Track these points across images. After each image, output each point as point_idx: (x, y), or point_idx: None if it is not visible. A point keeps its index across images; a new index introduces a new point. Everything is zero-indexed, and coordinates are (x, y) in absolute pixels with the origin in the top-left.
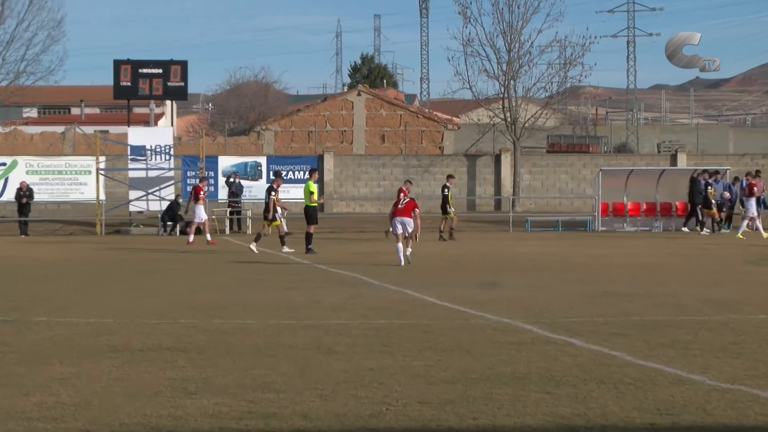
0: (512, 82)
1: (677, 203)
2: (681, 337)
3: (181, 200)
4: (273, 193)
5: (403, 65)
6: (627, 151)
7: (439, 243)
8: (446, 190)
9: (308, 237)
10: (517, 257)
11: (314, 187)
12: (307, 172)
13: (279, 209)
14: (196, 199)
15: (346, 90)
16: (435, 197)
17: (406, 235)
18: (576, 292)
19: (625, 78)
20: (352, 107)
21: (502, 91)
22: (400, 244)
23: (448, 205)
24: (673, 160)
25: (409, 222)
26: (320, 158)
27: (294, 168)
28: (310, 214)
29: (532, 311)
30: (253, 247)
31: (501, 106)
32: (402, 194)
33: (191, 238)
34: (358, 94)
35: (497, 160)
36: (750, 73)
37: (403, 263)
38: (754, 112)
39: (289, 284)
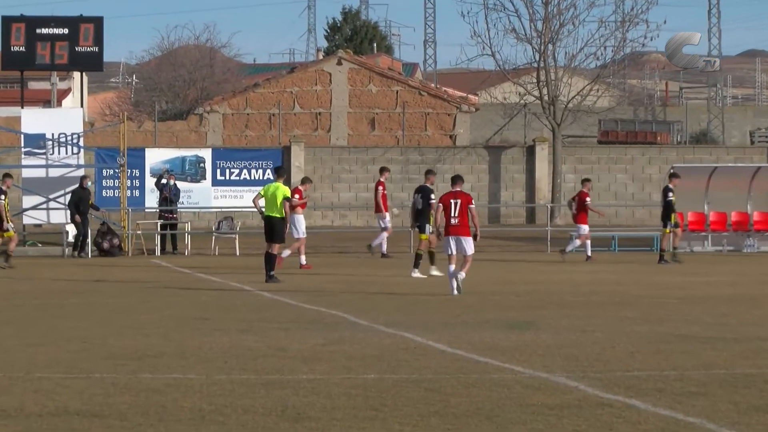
0: (551, 46)
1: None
2: None
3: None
4: (433, 197)
5: (401, 23)
6: (708, 142)
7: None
8: (671, 194)
9: (269, 259)
10: (558, 287)
11: (288, 192)
12: (272, 172)
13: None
14: (293, 207)
15: (321, 57)
16: None
17: (464, 255)
18: (639, 335)
19: (706, 41)
20: (330, 81)
21: (537, 59)
22: (453, 266)
23: (672, 215)
24: None
25: (467, 242)
26: (286, 151)
27: (250, 165)
28: (279, 228)
29: (579, 362)
30: (434, 272)
31: (535, 80)
32: (459, 199)
33: (303, 259)
34: (339, 63)
35: (530, 153)
36: None
37: (455, 292)
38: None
39: (244, 325)
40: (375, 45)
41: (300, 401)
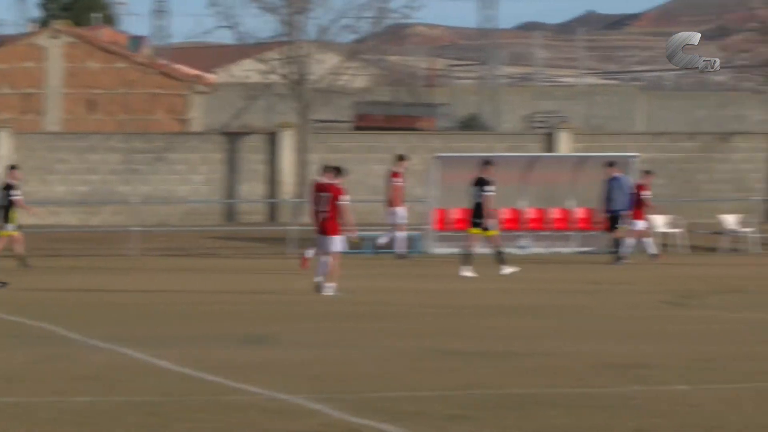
0: (299, 17)
1: (557, 211)
2: (558, 420)
3: None
4: (487, 188)
5: None
6: (479, 128)
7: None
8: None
9: None
10: (302, 297)
11: None
12: None
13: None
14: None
15: (33, 30)
16: (174, 200)
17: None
18: (396, 351)
19: (477, 12)
20: (44, 57)
21: (284, 32)
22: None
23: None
24: (551, 142)
25: (330, 242)
26: None
27: None
28: None
29: (325, 382)
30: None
31: (282, 57)
32: (331, 192)
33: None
34: (54, 37)
35: (274, 141)
36: (670, 6)
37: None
38: (678, 68)
39: None
40: (97, 15)
41: (1, 428)
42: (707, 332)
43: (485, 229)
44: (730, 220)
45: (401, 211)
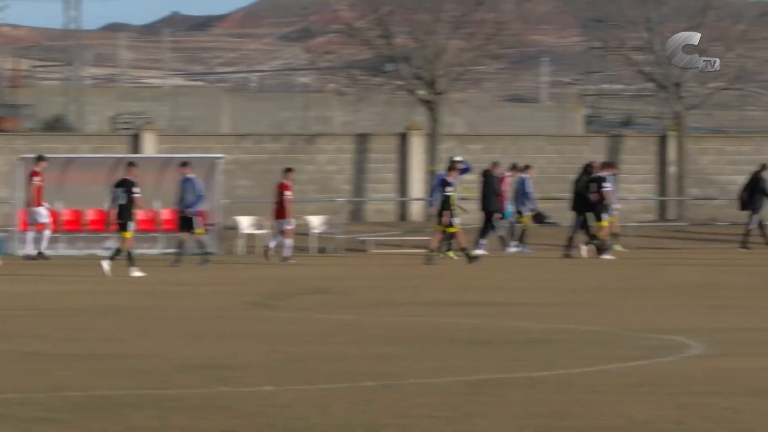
0: None
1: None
2: (144, 422)
3: None
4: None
5: None
6: (64, 129)
7: None
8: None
9: None
10: None
11: None
12: None
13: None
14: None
15: None
16: None
17: None
18: None
19: (62, 13)
20: None
21: None
22: None
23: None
24: (137, 143)
25: None
26: None
27: None
28: None
29: None
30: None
31: None
32: None
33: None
34: None
35: None
36: (254, 8)
37: None
38: (263, 69)
39: None
40: None
41: None
42: (294, 333)
43: (125, 229)
44: (315, 221)
45: (42, 211)
